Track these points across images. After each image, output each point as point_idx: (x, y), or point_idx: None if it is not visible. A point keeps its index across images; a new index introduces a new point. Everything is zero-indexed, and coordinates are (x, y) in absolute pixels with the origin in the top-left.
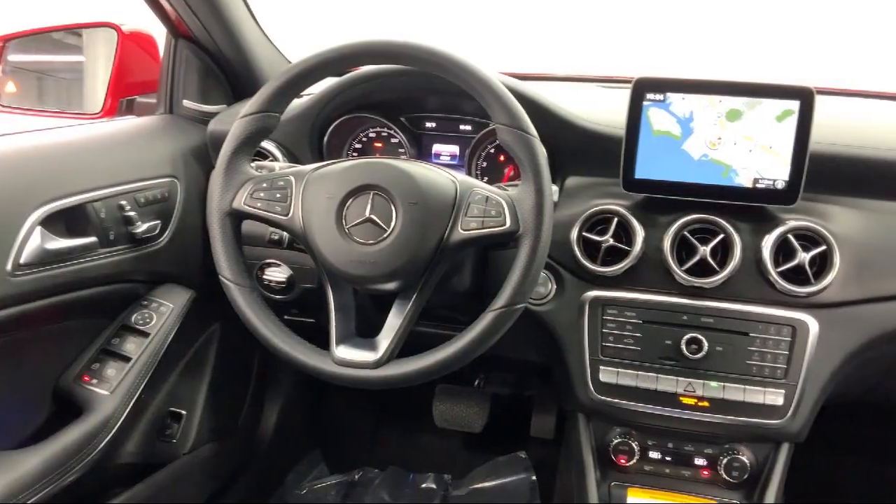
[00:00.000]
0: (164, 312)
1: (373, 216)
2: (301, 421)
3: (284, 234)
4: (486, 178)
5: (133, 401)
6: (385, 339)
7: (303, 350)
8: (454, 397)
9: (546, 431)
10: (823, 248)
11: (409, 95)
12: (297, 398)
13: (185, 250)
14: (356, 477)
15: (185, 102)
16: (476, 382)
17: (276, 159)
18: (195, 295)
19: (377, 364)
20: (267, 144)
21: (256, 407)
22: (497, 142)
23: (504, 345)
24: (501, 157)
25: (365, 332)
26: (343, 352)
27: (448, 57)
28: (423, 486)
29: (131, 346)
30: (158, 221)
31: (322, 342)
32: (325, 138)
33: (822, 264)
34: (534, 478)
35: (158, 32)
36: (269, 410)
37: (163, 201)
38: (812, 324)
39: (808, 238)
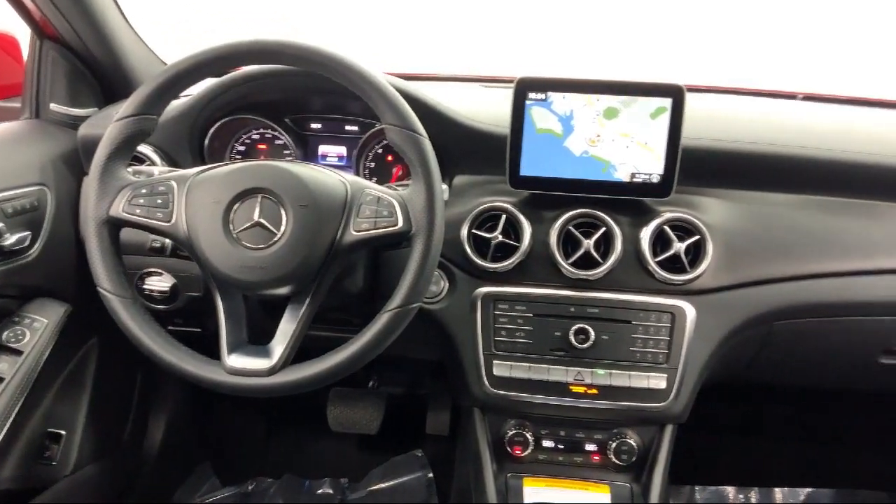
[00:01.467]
0: (37, 328)
1: (262, 220)
2: (189, 434)
3: (167, 241)
4: (374, 179)
5: (8, 423)
6: (279, 345)
7: (193, 361)
8: (348, 400)
9: (441, 428)
10: (697, 237)
11: (293, 96)
12: (184, 410)
13: (59, 262)
14: (249, 488)
15: (53, 106)
16: (370, 384)
17: (154, 164)
18: (71, 309)
19: (272, 371)
20: (144, 149)
21: (141, 422)
22: (384, 142)
23: (398, 344)
24: (389, 158)
25: (257, 339)
26: (235, 360)
27: (334, 57)
28: (320, 491)
29: (4, 365)
30: (28, 232)
31: (208, 352)
32: (207, 141)
33: (696, 253)
34: (430, 475)
35: (22, 33)
36: (154, 425)
37: (32, 211)
38: (689, 310)
39: (683, 228)
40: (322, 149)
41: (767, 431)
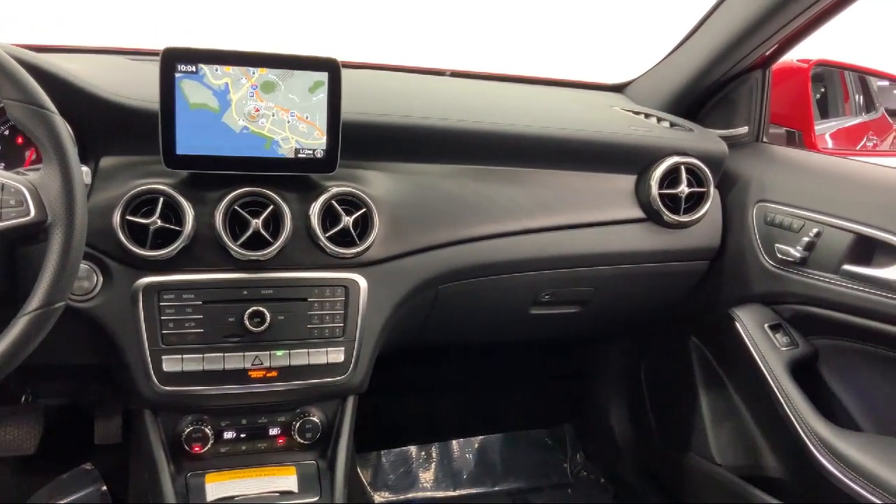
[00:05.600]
0: None
1: None
2: None
3: None
4: (2, 165)
5: None
6: None
7: None
8: None
9: (112, 436)
10: (364, 210)
11: None
12: None
13: None
14: None
15: None
16: (23, 398)
17: None
18: None
19: None
20: None
21: None
22: (11, 122)
23: (47, 350)
24: (19, 139)
25: None
26: None
27: None
28: None
29: None
30: None
31: None
32: None
33: (364, 226)
34: (104, 488)
35: None
36: None
37: None
38: (361, 282)
39: (350, 202)
40: None
41: (442, 389)
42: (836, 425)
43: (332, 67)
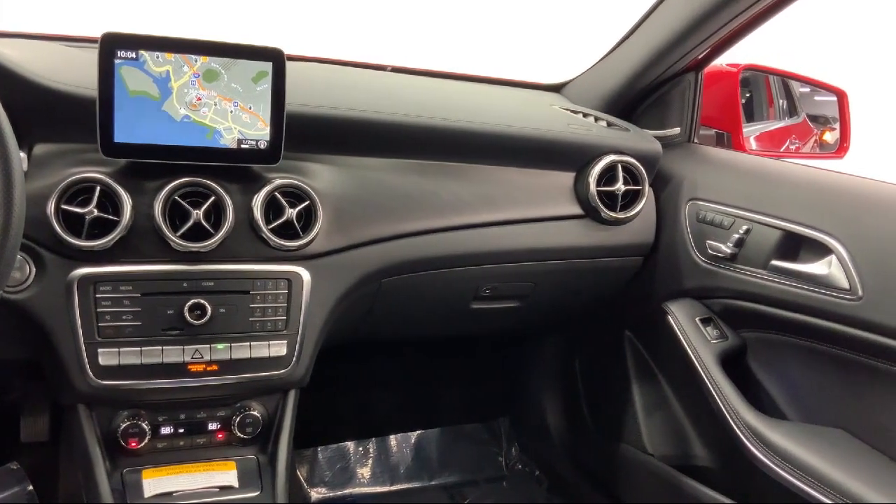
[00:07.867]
0: None
1: None
2: None
3: None
4: None
5: None
6: None
7: None
8: None
9: (40, 434)
10: (308, 203)
11: None
12: None
13: None
14: None
15: None
16: None
17: None
18: None
19: None
20: None
21: None
22: None
23: None
24: None
25: None
26: None
27: None
28: None
29: None
30: None
31: None
32: None
33: (308, 218)
34: (30, 488)
35: None
36: None
37: None
38: (305, 274)
39: (294, 195)
40: None
41: (380, 385)
42: (764, 415)
43: (276, 57)
